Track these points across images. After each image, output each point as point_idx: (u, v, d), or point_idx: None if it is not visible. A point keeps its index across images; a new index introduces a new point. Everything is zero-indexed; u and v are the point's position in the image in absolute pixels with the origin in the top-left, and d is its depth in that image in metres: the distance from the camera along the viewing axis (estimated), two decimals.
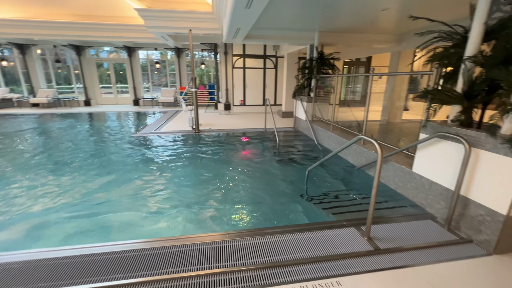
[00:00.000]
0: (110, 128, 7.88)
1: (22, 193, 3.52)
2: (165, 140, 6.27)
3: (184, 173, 4.27)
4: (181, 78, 13.11)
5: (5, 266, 1.94)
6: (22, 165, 4.58)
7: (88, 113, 10.65)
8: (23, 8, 9.88)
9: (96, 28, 10.15)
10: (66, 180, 3.94)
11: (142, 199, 3.38)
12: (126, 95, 13.90)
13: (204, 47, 11.77)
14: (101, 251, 2.10)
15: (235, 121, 8.71)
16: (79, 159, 4.93)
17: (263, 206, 3.23)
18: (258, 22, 5.52)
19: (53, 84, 13.07)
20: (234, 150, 5.63)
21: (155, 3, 8.58)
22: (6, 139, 6.39)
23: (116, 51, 13.14)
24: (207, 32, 8.72)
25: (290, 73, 9.11)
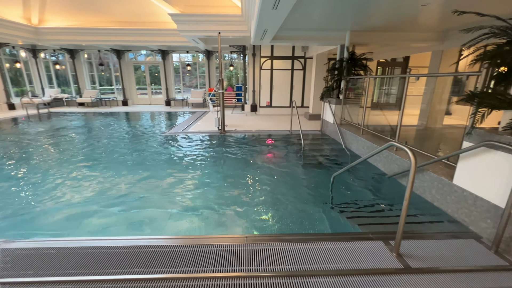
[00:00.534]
0: (144, 127, 8.37)
1: (62, 184, 3.87)
2: (192, 140, 6.47)
3: (208, 173, 4.35)
4: (210, 79, 13.50)
5: (44, 251, 2.13)
6: (66, 159, 5.05)
7: (125, 112, 11.46)
8: (74, 17, 10.99)
9: (135, 33, 10.90)
10: (101, 174, 4.24)
11: (167, 196, 3.51)
12: (159, 95, 14.70)
13: (233, 49, 11.97)
14: (125, 244, 2.20)
15: (261, 123, 8.70)
16: (115, 154, 5.30)
17: (284, 211, 3.15)
18: (286, 23, 5.44)
19: (97, 85, 14.31)
20: (258, 152, 5.61)
21: (187, 8, 8.95)
22: (56, 135, 7.12)
23: (152, 54, 13.98)
24: (236, 35, 8.86)
25: (319, 75, 8.86)
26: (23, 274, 1.88)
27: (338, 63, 6.55)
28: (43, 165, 4.67)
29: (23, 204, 3.29)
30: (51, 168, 4.54)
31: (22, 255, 2.08)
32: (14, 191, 3.66)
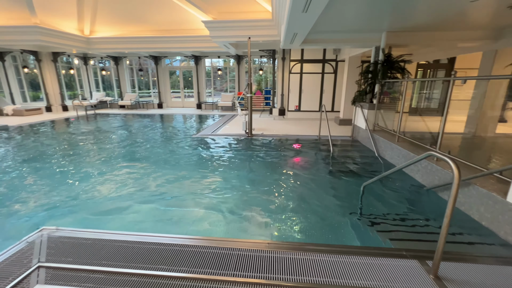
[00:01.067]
0: (176, 129, 8.81)
1: (101, 179, 4.21)
2: (220, 142, 6.62)
3: (234, 176, 4.39)
4: (240, 83, 13.76)
5: (81, 241, 2.32)
6: (106, 156, 5.50)
7: (160, 115, 12.18)
8: (119, 28, 12.07)
9: (171, 41, 11.59)
10: (135, 172, 4.53)
11: (193, 196, 3.61)
12: (191, 99, 15.38)
13: (263, 53, 12.08)
14: (151, 240, 2.30)
15: (289, 127, 8.60)
16: (148, 154, 5.64)
17: (308, 219, 3.04)
18: (317, 26, 5.33)
19: (136, 89, 15.47)
20: (285, 156, 5.54)
21: (220, 15, 9.26)
22: (99, 135, 7.82)
23: (186, 60, 14.72)
24: (266, 39, 8.92)
25: (351, 78, 8.50)
26: (63, 261, 2.06)
27: (372, 66, 6.22)
28: (86, 161, 5.15)
29: (68, 195, 3.65)
30: (92, 164, 4.98)
31: (64, 243, 2.28)
32: (61, 183, 4.08)
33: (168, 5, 10.45)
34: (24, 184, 4.06)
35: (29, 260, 2.07)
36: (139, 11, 11.04)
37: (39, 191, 3.80)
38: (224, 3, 8.77)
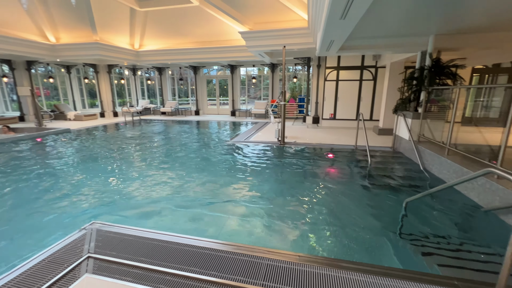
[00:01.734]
0: (211, 135, 9.17)
1: (140, 181, 4.54)
2: (252, 149, 6.70)
3: (264, 184, 4.38)
4: (273, 91, 13.86)
5: (124, 237, 2.51)
6: (148, 158, 5.94)
7: (197, 121, 12.82)
8: (163, 41, 13.16)
9: (209, 51, 12.24)
10: (172, 174, 4.80)
11: (225, 201, 3.68)
12: (226, 106, 15.93)
13: (297, 61, 12.04)
14: (185, 242, 2.39)
15: (323, 136, 8.35)
16: (185, 158, 5.95)
17: (342, 234, 2.88)
18: (355, 32, 5.14)
19: (176, 97, 16.57)
20: (318, 166, 5.37)
21: (256, 25, 9.52)
22: (143, 139, 8.50)
23: (222, 69, 15.36)
24: (301, 47, 8.90)
25: (393, 85, 7.98)
26: (108, 254, 2.25)
27: (417, 72, 5.77)
28: (130, 163, 5.62)
29: (114, 193, 4.00)
30: (134, 165, 5.42)
31: (109, 237, 2.49)
32: (108, 181, 4.50)
33: (207, 19, 11.10)
34: (80, 181, 4.57)
35: (80, 250, 2.31)
36: (181, 26, 11.92)
37: (91, 187, 4.24)
38: (260, 14, 9.01)
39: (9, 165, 5.43)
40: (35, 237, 2.91)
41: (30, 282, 1.92)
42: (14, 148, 7.04)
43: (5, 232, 3.00)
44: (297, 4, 7.90)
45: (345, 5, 3.34)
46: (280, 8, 8.40)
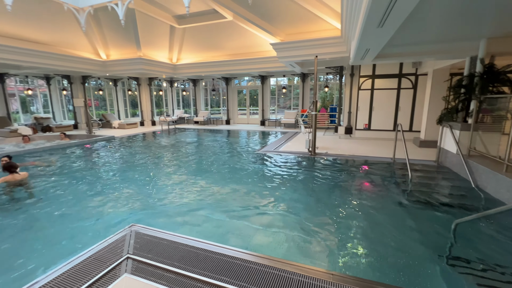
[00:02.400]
0: (241, 144, 9.32)
1: (173, 187, 4.73)
2: (282, 159, 6.63)
3: (295, 195, 4.28)
4: (304, 101, 13.73)
5: (159, 240, 2.61)
6: (181, 166, 6.21)
7: (227, 130, 13.17)
8: (198, 55, 13.94)
9: (241, 63, 12.65)
10: (203, 182, 4.94)
11: (254, 211, 3.66)
12: (255, 116, 16.16)
13: (329, 70, 11.82)
14: (216, 250, 2.40)
15: (356, 147, 7.96)
16: (215, 166, 6.10)
17: (379, 253, 2.65)
18: (393, 39, 4.90)
19: (208, 107, 17.28)
20: (351, 179, 5.10)
21: (288, 36, 9.62)
22: (178, 146, 8.96)
23: (253, 79, 15.70)
24: (333, 56, 8.74)
25: (436, 94, 7.38)
26: (145, 256, 2.35)
27: (466, 79, 5.26)
28: (164, 169, 5.92)
29: (150, 197, 4.23)
30: (168, 171, 5.69)
31: (146, 240, 2.62)
32: (146, 186, 4.78)
33: (240, 32, 11.53)
34: (120, 184, 4.93)
35: (121, 250, 2.45)
36: (215, 39, 12.55)
37: (130, 191, 4.54)
38: (291, 25, 9.10)
39: (64, 168, 6.09)
40: (81, 235, 3.18)
41: (76, 278, 2.08)
42: (68, 153, 7.90)
43: (63, 228, 3.33)
44: (330, 13, 7.83)
45: (383, 13, 3.21)
46: (312, 18, 8.40)
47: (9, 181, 4.60)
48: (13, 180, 4.64)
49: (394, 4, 2.87)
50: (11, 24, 9.23)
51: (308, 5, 7.42)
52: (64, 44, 11.36)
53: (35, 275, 2.39)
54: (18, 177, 4.73)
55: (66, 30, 10.67)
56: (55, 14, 9.51)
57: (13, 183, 4.63)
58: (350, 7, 4.73)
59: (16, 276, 2.43)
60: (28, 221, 3.51)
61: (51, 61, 10.59)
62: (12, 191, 4.49)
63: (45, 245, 2.95)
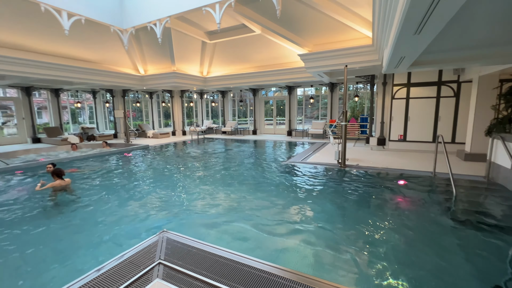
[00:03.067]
0: (267, 154, 9.31)
1: (201, 195, 4.84)
2: (310, 171, 6.46)
3: (323, 208, 4.11)
4: (332, 111, 13.41)
5: (188, 247, 2.66)
6: (209, 175, 6.36)
7: (254, 140, 13.28)
8: (227, 67, 14.47)
9: (268, 74, 12.84)
10: (230, 191, 4.98)
11: (281, 223, 3.58)
12: (282, 126, 16.12)
13: (359, 79, 11.47)
14: (243, 261, 2.37)
15: (390, 159, 7.48)
16: (242, 176, 6.15)
17: (416, 280, 2.40)
18: (432, 46, 4.61)
19: (236, 117, 17.68)
20: (385, 193, 4.77)
21: (315, 47, 9.58)
22: (206, 156, 9.23)
23: (280, 90, 15.79)
24: (364, 65, 8.48)
25: (483, 102, 6.71)
26: (175, 262, 2.41)
27: None
28: (194, 177, 6.11)
29: (179, 204, 4.37)
30: (197, 180, 5.85)
31: (176, 247, 2.69)
32: (175, 194, 4.96)
33: (268, 44, 11.78)
34: (153, 191, 5.19)
35: (153, 255, 2.54)
36: (243, 52, 12.96)
37: (161, 198, 4.75)
38: (320, 36, 9.07)
39: (103, 175, 6.60)
40: (118, 237, 3.37)
41: (112, 279, 2.20)
42: (108, 160, 8.58)
43: (106, 229, 3.57)
44: (360, 22, 7.67)
45: (420, 20, 3.05)
46: (341, 28, 8.30)
47: (56, 187, 5.05)
48: (59, 186, 5.09)
49: (433, 10, 2.72)
50: (66, 45, 10.51)
51: (338, 15, 7.36)
52: (109, 61, 12.60)
53: (77, 271, 2.56)
54: (64, 182, 5.19)
55: (110, 49, 11.84)
56: (102, 35, 10.64)
57: (59, 188, 5.08)
58: (382, 15, 4.58)
59: (61, 271, 2.63)
60: (73, 222, 3.82)
61: (98, 77, 11.79)
62: (56, 196, 4.92)
63: (85, 246, 3.17)
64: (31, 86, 12.59)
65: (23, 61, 9.20)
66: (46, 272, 2.64)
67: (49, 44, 10.10)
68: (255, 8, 8.05)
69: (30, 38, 9.47)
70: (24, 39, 9.40)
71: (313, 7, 7.37)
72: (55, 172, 5.19)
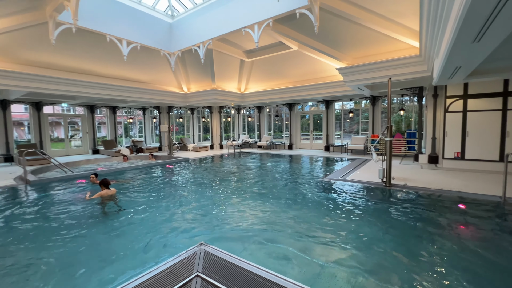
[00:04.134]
0: (304, 170, 9.06)
1: (237, 209, 4.84)
2: (350, 189, 6.07)
3: (366, 231, 3.77)
4: (374, 125, 12.63)
5: (224, 262, 2.65)
6: (245, 189, 6.40)
7: (290, 155, 13.10)
8: (263, 84, 14.84)
9: (304, 89, 12.78)
10: (265, 207, 4.91)
11: (319, 244, 3.36)
12: (319, 141, 15.66)
13: (405, 92, 10.68)
14: (279, 282, 2.26)
15: (446, 179, 6.64)
16: (277, 192, 6.04)
17: None
18: (495, 53, 4.10)
19: (272, 132, 17.77)
20: (440, 219, 4.20)
21: (355, 60, 9.30)
22: (242, 170, 9.37)
23: (316, 104, 15.52)
24: (410, 77, 7.91)
25: None
26: (212, 277, 2.41)
27: None
28: (229, 191, 6.19)
29: (216, 217, 4.43)
30: (232, 193, 5.91)
31: (213, 261, 2.70)
32: (212, 206, 5.06)
33: (305, 60, 11.82)
34: (192, 202, 5.38)
35: (191, 267, 2.59)
36: (280, 68, 13.19)
37: (199, 210, 4.88)
38: (359, 49, 8.80)
39: (147, 185, 7.11)
40: (157, 247, 3.52)
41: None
42: (154, 171, 9.26)
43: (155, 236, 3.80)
44: (404, 32, 7.24)
45: (480, 26, 2.75)
46: (383, 40, 7.94)
47: (104, 196, 5.43)
48: (106, 195, 5.46)
49: (497, 14, 2.43)
50: (123, 69, 11.99)
51: (379, 27, 7.09)
52: (157, 81, 13.95)
53: (121, 275, 2.72)
54: (110, 192, 5.57)
55: (159, 71, 13.15)
56: (153, 59, 11.92)
57: (106, 198, 5.45)
58: (432, 23, 4.27)
59: (109, 274, 2.82)
60: (117, 230, 4.13)
61: (148, 96, 13.10)
62: (104, 204, 5.27)
63: (129, 252, 3.37)
64: (95, 104, 14.52)
65: (90, 84, 10.72)
66: (92, 275, 2.86)
67: (109, 68, 11.64)
68: (293, 25, 8.23)
69: (95, 64, 11.06)
70: (91, 65, 11.00)
71: (353, 21, 7.24)
72: (102, 182, 5.59)
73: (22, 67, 9.36)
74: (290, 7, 7.21)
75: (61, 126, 14.88)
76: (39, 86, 9.24)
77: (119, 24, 9.34)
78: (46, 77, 9.37)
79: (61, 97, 11.42)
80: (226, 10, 9.35)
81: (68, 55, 9.96)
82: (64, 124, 14.48)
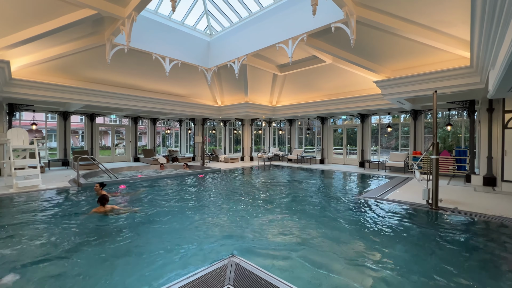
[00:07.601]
0: (337, 186, 8.66)
1: (266, 224, 4.73)
2: (389, 210, 5.60)
3: (407, 257, 3.39)
4: (415, 141, 11.69)
5: (255, 277, 2.58)
6: (274, 203, 6.29)
7: (321, 170, 12.66)
8: (295, 97, 14.82)
9: (338, 102, 12.44)
10: (296, 224, 4.73)
11: (354, 266, 3.10)
12: (353, 156, 14.92)
13: (452, 105, 9.79)
14: None
15: (506, 205, 5.79)
16: (308, 209, 5.82)
17: None
18: None
19: (302, 145, 17.47)
20: (501, 250, 3.63)
21: (394, 72, 8.86)
22: (272, 183, 9.28)
23: (351, 118, 14.95)
24: (459, 89, 7.25)
25: None
26: None
27: None
28: (261, 204, 6.13)
29: (245, 230, 4.38)
30: (262, 207, 5.84)
31: (245, 275, 2.65)
32: (241, 218, 5.04)
33: (339, 73, 11.59)
34: (222, 214, 5.43)
35: (223, 279, 2.57)
36: (312, 82, 13.09)
37: (229, 221, 4.90)
38: (399, 61, 8.37)
39: (183, 193, 7.40)
40: (187, 257, 3.58)
41: None
42: (188, 180, 9.64)
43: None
44: (451, 42, 6.71)
45: None
46: (427, 51, 7.45)
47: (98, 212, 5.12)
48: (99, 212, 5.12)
49: None
50: (164, 84, 12.99)
51: (422, 37, 6.68)
52: (194, 95, 14.80)
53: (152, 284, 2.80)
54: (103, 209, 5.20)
55: (196, 85, 13.96)
56: (191, 74, 12.74)
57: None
58: (487, 31, 3.90)
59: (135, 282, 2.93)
60: (141, 240, 4.31)
61: (185, 108, 13.94)
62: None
63: (161, 261, 3.47)
64: (138, 116, 15.87)
65: (136, 98, 11.80)
66: (126, 279, 2.99)
67: (152, 83, 12.71)
68: (327, 39, 8.19)
69: (140, 80, 12.18)
70: (137, 80, 12.14)
71: (392, 32, 6.96)
72: (100, 199, 5.33)
73: (81, 83, 10.71)
74: (325, 21, 7.21)
75: (109, 135, 16.49)
76: (94, 100, 10.46)
77: (163, 44, 10.26)
78: (100, 92, 10.58)
79: (111, 109, 12.73)
80: (261, 26, 9.70)
81: (118, 72, 11.16)
82: (111, 133, 16.00)
